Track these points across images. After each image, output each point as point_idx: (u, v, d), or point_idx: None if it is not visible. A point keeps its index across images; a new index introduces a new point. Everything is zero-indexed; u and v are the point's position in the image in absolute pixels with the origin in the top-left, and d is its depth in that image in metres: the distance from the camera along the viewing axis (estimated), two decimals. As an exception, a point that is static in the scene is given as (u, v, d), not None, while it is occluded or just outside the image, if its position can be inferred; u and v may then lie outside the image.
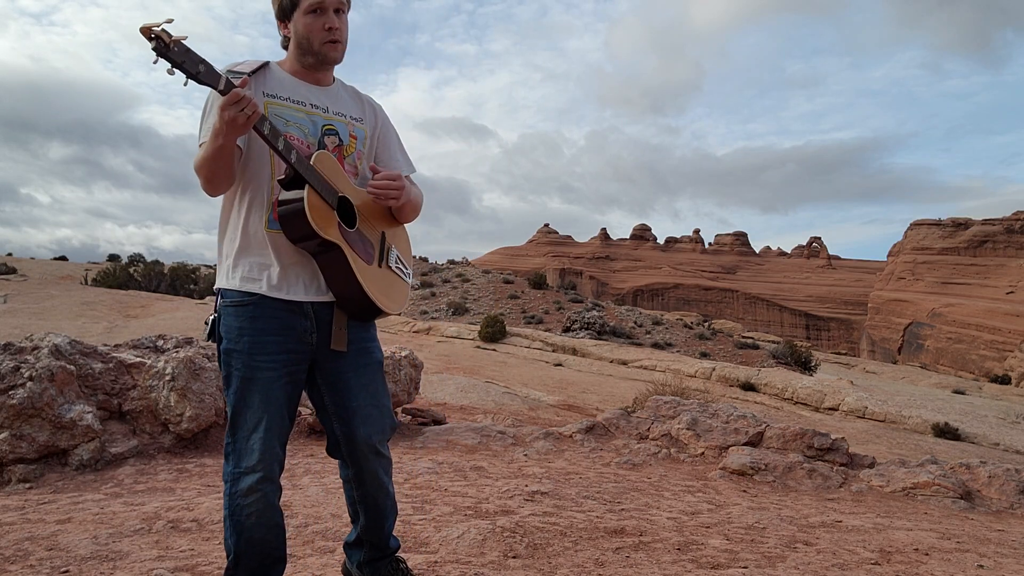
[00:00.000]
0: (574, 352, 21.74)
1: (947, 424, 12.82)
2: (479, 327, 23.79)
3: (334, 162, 1.90)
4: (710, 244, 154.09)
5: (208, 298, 26.56)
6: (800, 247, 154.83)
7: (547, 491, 3.99)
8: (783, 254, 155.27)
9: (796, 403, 15.64)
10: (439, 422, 6.43)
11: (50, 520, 3.13)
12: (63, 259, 49.36)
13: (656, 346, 26.62)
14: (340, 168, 1.92)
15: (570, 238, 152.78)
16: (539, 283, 39.44)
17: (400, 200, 1.97)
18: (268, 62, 1.96)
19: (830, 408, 14.99)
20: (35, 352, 4.43)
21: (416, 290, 39.28)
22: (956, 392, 23.38)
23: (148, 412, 4.67)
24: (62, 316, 16.78)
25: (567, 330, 27.50)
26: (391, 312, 2.01)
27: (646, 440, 5.80)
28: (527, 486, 4.08)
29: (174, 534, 2.96)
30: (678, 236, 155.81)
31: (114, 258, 45.09)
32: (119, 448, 4.38)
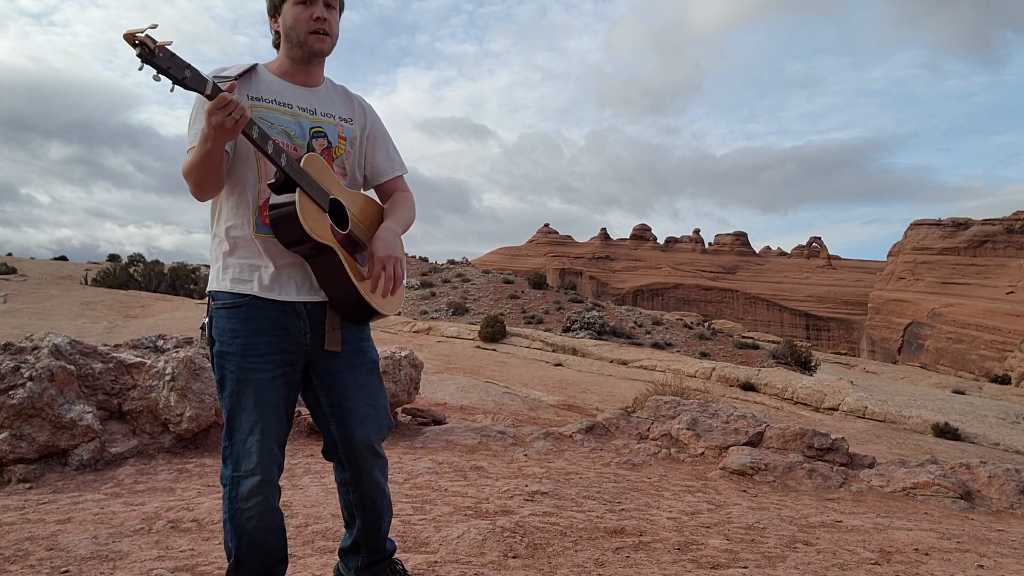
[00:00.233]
0: (574, 352, 21.74)
1: (947, 424, 12.82)
2: (479, 327, 23.79)
3: (324, 164, 1.87)
4: (710, 244, 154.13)
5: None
6: (800, 247, 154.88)
7: (547, 491, 3.99)
8: (783, 254, 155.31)
9: (796, 403, 15.64)
10: (439, 422, 6.43)
11: (50, 520, 3.13)
12: (63, 259, 49.36)
13: (656, 346, 26.62)
14: (330, 170, 1.89)
15: (570, 238, 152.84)
16: (539, 283, 39.44)
17: (400, 259, 1.93)
18: (256, 65, 1.93)
19: (830, 408, 14.99)
20: (35, 352, 4.43)
21: (416, 290, 39.27)
22: (956, 392, 23.37)
23: (148, 412, 4.67)
24: (62, 316, 16.78)
25: (567, 330, 27.50)
26: (386, 313, 1.98)
27: (646, 440, 5.80)
28: (527, 486, 4.08)
29: (174, 534, 2.96)
30: (678, 236, 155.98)
31: (114, 258, 45.09)
32: (119, 448, 4.38)
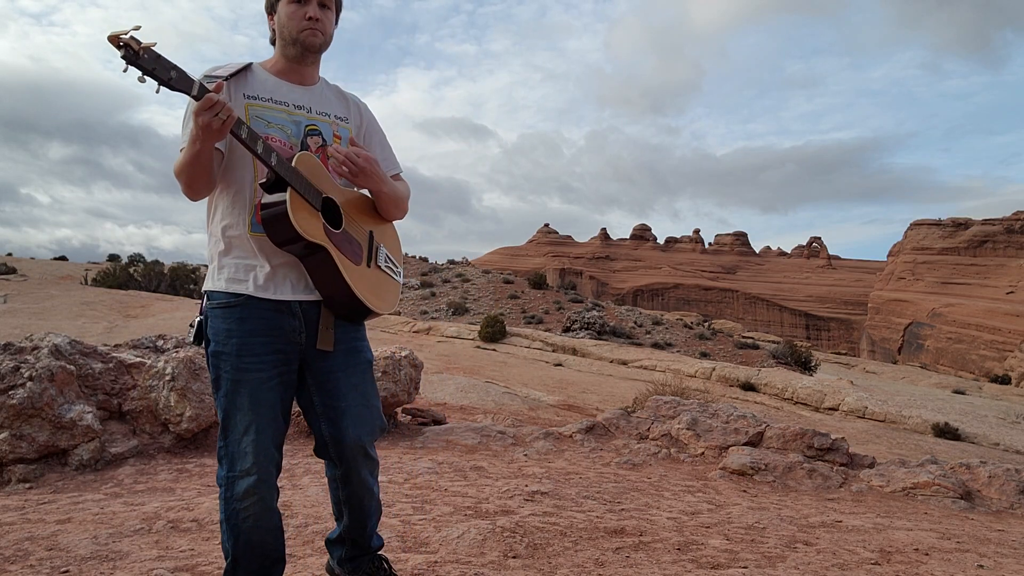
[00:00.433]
0: (574, 352, 21.74)
1: (947, 424, 12.82)
2: (479, 327, 23.79)
3: (316, 162, 1.87)
4: (710, 244, 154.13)
5: (208, 298, 26.57)
6: (800, 247, 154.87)
7: (547, 491, 3.99)
8: (783, 254, 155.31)
9: (796, 403, 15.64)
10: (439, 422, 6.43)
11: (50, 520, 3.13)
12: (63, 259, 49.36)
13: (656, 346, 26.62)
14: (323, 168, 1.89)
15: (570, 238, 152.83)
16: (539, 283, 39.44)
17: (368, 173, 1.91)
18: (251, 63, 1.94)
19: (830, 408, 14.99)
20: (35, 352, 4.43)
21: (416, 290, 39.27)
22: (956, 392, 23.38)
23: (148, 412, 4.67)
24: (62, 316, 16.78)
25: (567, 330, 27.50)
26: (381, 312, 1.98)
27: (646, 440, 5.80)
28: (527, 486, 4.08)
29: (174, 534, 2.96)
30: (678, 236, 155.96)
31: (114, 258, 45.08)
32: (119, 448, 4.38)
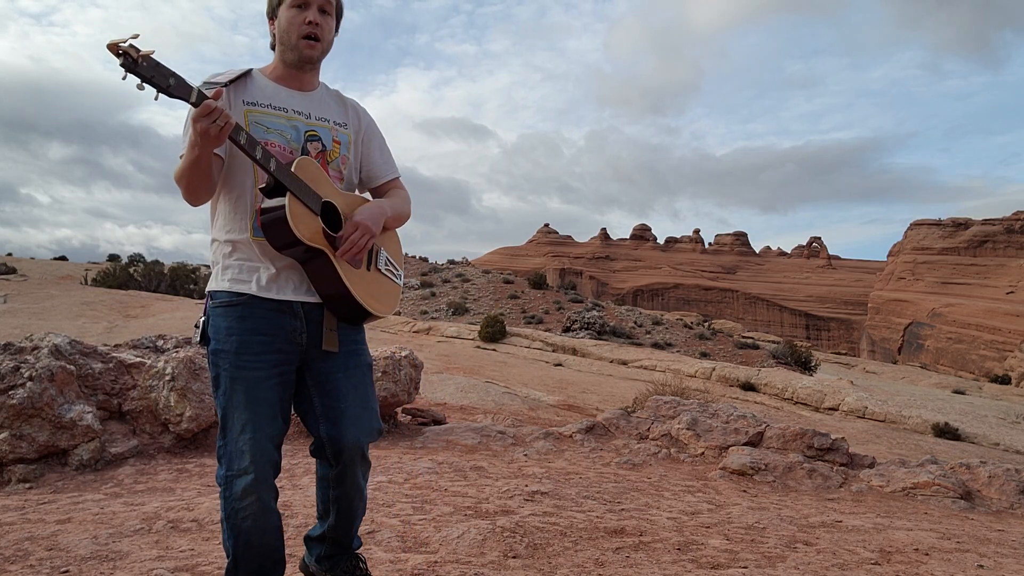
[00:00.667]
0: (574, 352, 21.73)
1: (947, 424, 12.82)
2: (479, 327, 23.79)
3: (316, 167, 1.88)
4: (710, 244, 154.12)
5: (208, 298, 26.65)
6: (800, 247, 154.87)
7: (547, 491, 3.99)
8: (783, 254, 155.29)
9: (796, 403, 15.64)
10: (439, 422, 6.43)
11: (50, 520, 3.13)
12: (63, 259, 49.37)
13: (656, 346, 26.62)
14: (323, 173, 1.90)
15: (570, 238, 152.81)
16: (539, 283, 39.44)
17: (375, 234, 1.92)
18: (251, 70, 1.95)
19: (830, 408, 14.99)
20: (35, 352, 4.43)
21: (416, 290, 39.27)
22: (956, 392, 23.37)
23: (148, 412, 4.67)
24: (62, 316, 16.78)
25: (567, 330, 27.50)
26: (381, 314, 1.99)
27: (646, 440, 5.80)
28: (527, 486, 4.08)
29: (174, 534, 2.96)
30: (678, 236, 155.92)
31: (114, 258, 45.08)
32: (119, 448, 4.38)
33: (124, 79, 1.52)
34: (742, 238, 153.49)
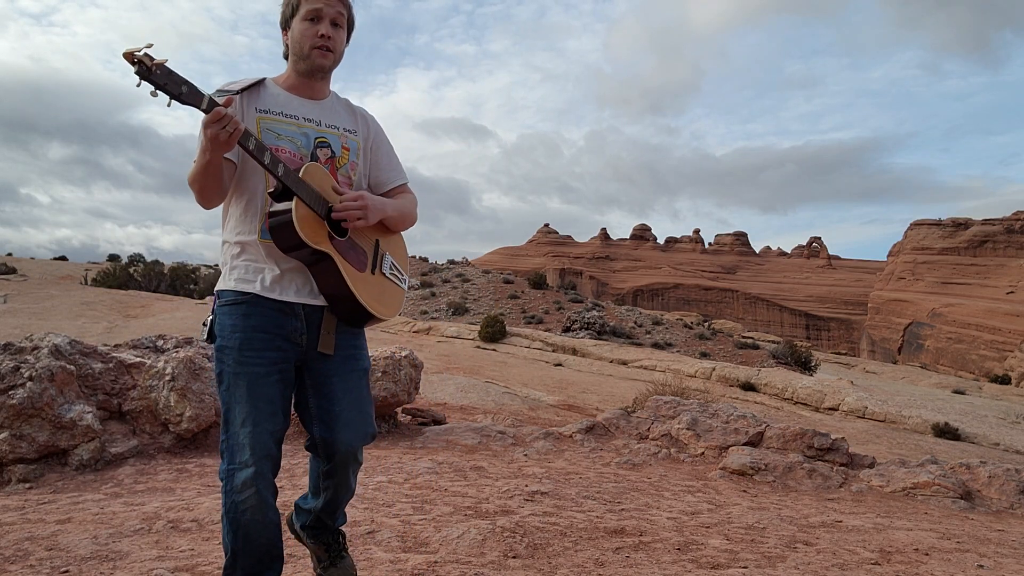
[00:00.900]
0: (574, 352, 21.73)
1: (947, 424, 12.82)
2: (479, 327, 23.78)
3: (324, 173, 1.94)
4: (710, 244, 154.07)
5: (208, 298, 26.70)
6: (800, 247, 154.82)
7: (547, 491, 3.99)
8: (783, 254, 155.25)
9: (796, 403, 15.64)
10: (439, 422, 6.43)
11: (50, 520, 3.13)
12: (63, 259, 49.37)
13: (656, 346, 26.62)
14: (331, 179, 1.96)
15: (570, 238, 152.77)
16: (539, 283, 39.43)
17: (369, 218, 1.96)
18: (264, 79, 2.02)
19: (830, 408, 14.99)
20: (35, 352, 4.43)
21: (416, 290, 39.27)
22: (956, 392, 23.38)
23: (148, 412, 4.67)
24: (62, 316, 16.78)
25: (567, 330, 27.50)
26: (384, 317, 2.05)
27: (646, 440, 5.80)
28: (527, 486, 4.08)
29: (174, 534, 2.96)
30: (678, 236, 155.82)
31: (114, 258, 45.09)
32: (119, 448, 4.38)
33: (139, 86, 1.58)
34: (742, 238, 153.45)
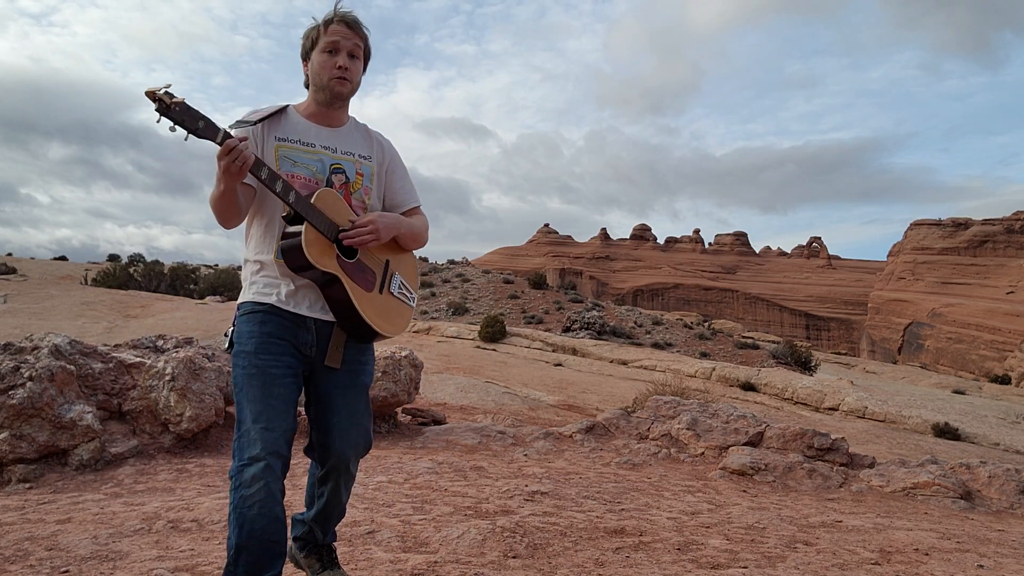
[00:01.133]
0: (574, 352, 21.73)
1: (947, 424, 12.82)
2: (479, 327, 23.78)
3: (336, 198, 2.06)
4: (710, 244, 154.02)
5: (208, 298, 26.91)
6: (800, 247, 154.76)
7: (547, 491, 3.99)
8: (783, 254, 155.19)
9: (796, 403, 15.64)
10: (439, 422, 6.43)
11: (50, 520, 3.13)
12: (63, 259, 49.39)
13: (656, 346, 26.62)
14: (343, 203, 2.08)
15: (570, 238, 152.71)
16: (539, 283, 39.43)
17: (381, 237, 2.08)
18: (287, 107, 2.16)
19: (830, 408, 14.99)
20: (35, 352, 4.43)
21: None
22: (956, 392, 23.38)
23: (148, 412, 4.67)
24: (62, 316, 16.78)
25: (567, 330, 27.51)
26: (389, 335, 2.16)
27: (646, 440, 5.80)
28: (527, 486, 4.08)
29: (174, 534, 2.96)
30: (678, 236, 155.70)
31: (114, 258, 45.07)
32: (119, 448, 4.38)
33: (158, 122, 1.71)
34: (742, 238, 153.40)
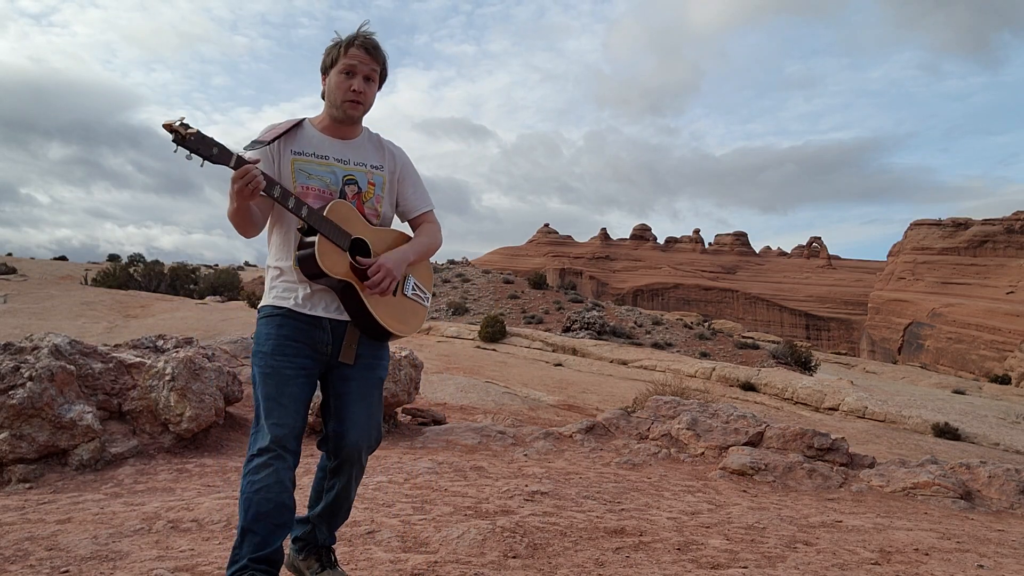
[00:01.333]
0: (574, 352, 21.73)
1: (947, 424, 12.82)
2: (479, 327, 23.78)
3: (349, 209, 2.20)
4: (710, 244, 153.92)
5: (208, 298, 26.96)
6: (800, 247, 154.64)
7: (547, 491, 3.99)
8: (783, 254, 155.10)
9: (796, 403, 15.64)
10: (439, 422, 6.43)
11: (50, 520, 3.13)
12: (63, 259, 49.40)
13: (656, 346, 26.63)
14: (355, 213, 2.21)
15: (570, 238, 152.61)
16: (539, 283, 39.43)
17: (396, 277, 2.19)
18: (303, 120, 2.29)
19: (830, 408, 14.99)
20: (35, 352, 4.43)
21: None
22: (956, 392, 23.38)
23: (148, 412, 4.67)
24: (62, 316, 16.79)
25: (567, 330, 27.51)
26: (403, 335, 2.29)
27: (646, 440, 5.80)
28: (527, 486, 4.08)
29: (174, 534, 2.96)
30: (678, 236, 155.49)
31: (114, 258, 45.09)
32: (119, 448, 4.38)
33: (175, 151, 1.87)
34: (742, 238, 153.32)
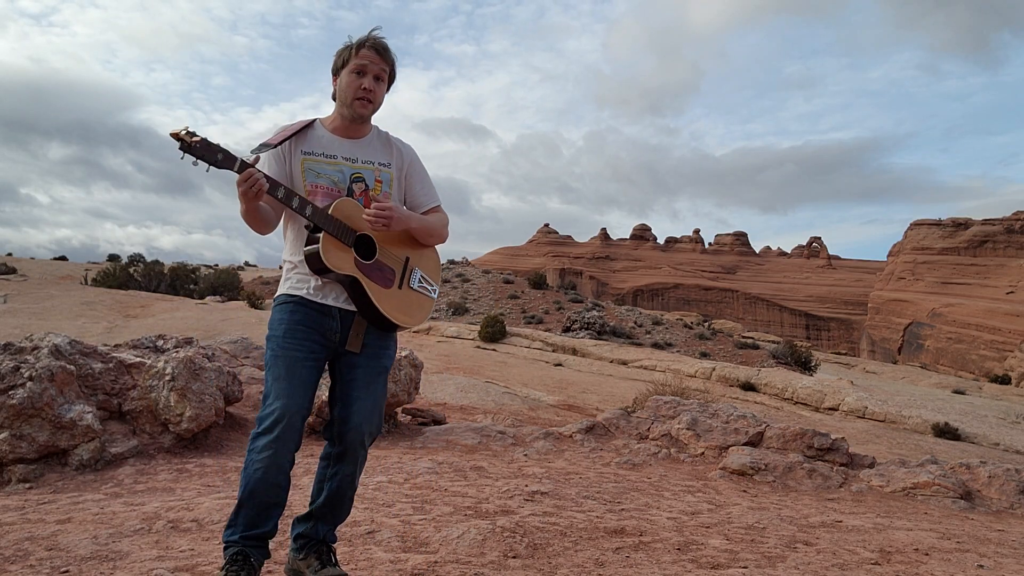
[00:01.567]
0: (574, 352, 21.73)
1: (947, 424, 12.82)
2: (479, 327, 23.78)
3: (354, 206, 2.28)
4: (710, 244, 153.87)
5: (208, 298, 27.00)
6: (800, 247, 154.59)
7: (547, 491, 3.99)
8: (783, 254, 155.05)
9: (796, 403, 15.64)
10: (439, 422, 6.43)
11: (50, 520, 3.13)
12: (63, 259, 49.42)
13: (656, 346, 26.63)
14: (360, 210, 2.28)
15: (570, 238, 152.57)
16: (539, 283, 39.43)
17: (392, 225, 2.26)
18: (315, 121, 2.37)
19: (830, 408, 14.99)
20: (35, 352, 4.43)
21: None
22: (956, 392, 23.38)
23: (148, 412, 4.67)
24: (62, 316, 16.79)
25: (567, 330, 27.51)
26: (408, 326, 2.37)
27: (646, 440, 5.80)
28: (527, 486, 4.08)
29: (174, 534, 2.96)
30: (678, 236, 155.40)
31: (114, 258, 45.09)
32: (119, 448, 4.38)
33: (182, 159, 1.96)
34: (742, 238, 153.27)
